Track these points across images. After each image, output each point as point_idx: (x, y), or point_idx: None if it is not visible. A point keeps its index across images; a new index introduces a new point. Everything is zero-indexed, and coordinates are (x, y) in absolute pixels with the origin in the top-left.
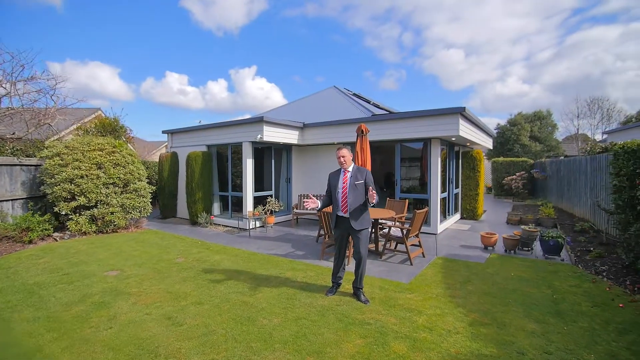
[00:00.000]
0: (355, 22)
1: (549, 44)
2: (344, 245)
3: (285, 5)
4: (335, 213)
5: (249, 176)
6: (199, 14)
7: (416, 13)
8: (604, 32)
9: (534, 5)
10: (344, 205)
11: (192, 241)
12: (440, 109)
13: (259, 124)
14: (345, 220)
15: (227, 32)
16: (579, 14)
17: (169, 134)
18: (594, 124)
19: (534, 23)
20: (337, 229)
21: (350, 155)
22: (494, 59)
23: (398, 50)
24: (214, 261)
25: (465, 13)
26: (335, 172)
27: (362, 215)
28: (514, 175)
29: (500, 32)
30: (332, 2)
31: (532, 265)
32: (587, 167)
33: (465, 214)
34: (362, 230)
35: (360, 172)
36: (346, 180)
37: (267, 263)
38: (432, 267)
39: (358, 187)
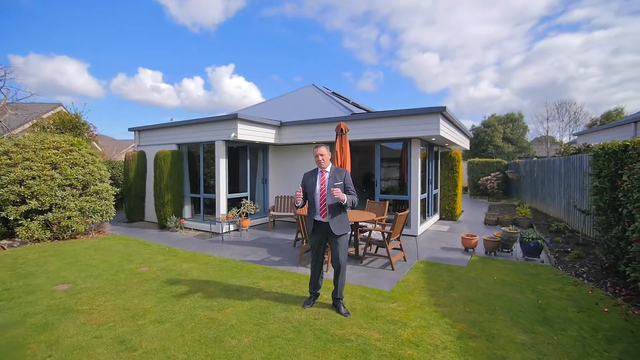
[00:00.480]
0: (334, 23)
1: (518, 50)
2: (321, 252)
3: (263, 3)
4: (312, 217)
5: (222, 177)
6: (173, 8)
7: (393, 16)
8: (568, 40)
9: (505, 13)
10: (323, 208)
11: (158, 247)
12: (420, 109)
13: (232, 121)
14: (323, 225)
15: (204, 29)
16: (546, 22)
17: (136, 132)
18: (562, 127)
19: (505, 30)
20: (315, 234)
21: (328, 154)
22: (467, 64)
23: (376, 52)
24: (181, 270)
25: (439, 17)
26: (311, 172)
27: (341, 219)
28: (489, 176)
29: (473, 37)
30: (310, 2)
31: (513, 268)
32: (561, 168)
33: (444, 214)
34: (342, 236)
35: (339, 172)
36: (324, 182)
37: (240, 271)
38: (414, 271)
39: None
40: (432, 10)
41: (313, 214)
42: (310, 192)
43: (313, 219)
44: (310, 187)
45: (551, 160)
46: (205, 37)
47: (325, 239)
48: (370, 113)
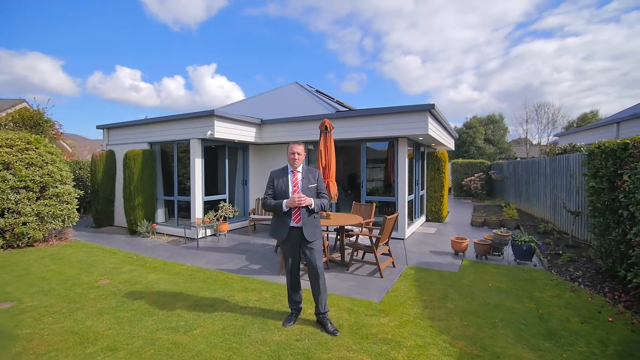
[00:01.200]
0: (318, 24)
1: (496, 54)
2: (296, 260)
3: (246, 3)
4: (284, 223)
5: (198, 178)
6: (153, 5)
7: (376, 19)
8: (542, 46)
9: (484, 18)
10: (296, 212)
11: (125, 256)
12: (408, 106)
13: (209, 118)
14: (297, 230)
15: (185, 27)
16: (522, 28)
17: (104, 130)
18: (540, 128)
19: (484, 35)
20: (288, 242)
21: (304, 153)
22: (448, 67)
23: (359, 54)
24: (148, 282)
25: (421, 21)
26: (280, 171)
27: (315, 223)
28: (473, 177)
29: (453, 41)
30: (293, 3)
31: (506, 273)
32: (546, 168)
33: (430, 216)
34: (316, 241)
35: (312, 173)
36: (297, 183)
37: (215, 282)
38: (404, 279)
39: (311, 192)
40: (414, 14)
41: (286, 219)
42: (281, 195)
43: (287, 225)
44: (281, 189)
45: (536, 161)
46: (187, 35)
47: (298, 245)
48: (355, 111)
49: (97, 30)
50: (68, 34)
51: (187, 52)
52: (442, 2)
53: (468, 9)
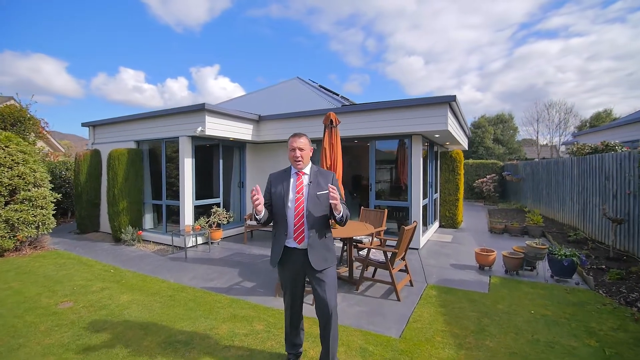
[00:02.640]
0: (320, 25)
1: (499, 55)
2: (298, 294)
3: (249, 4)
4: (280, 242)
5: (188, 180)
6: (156, 7)
7: (379, 20)
8: (546, 46)
9: (486, 19)
10: (299, 229)
11: (102, 269)
12: (426, 98)
13: (199, 113)
14: (299, 254)
15: (188, 29)
16: (526, 28)
17: (90, 128)
18: (552, 128)
19: (487, 35)
20: (285, 268)
21: (310, 148)
22: (451, 68)
23: (362, 55)
24: (117, 306)
25: (424, 22)
26: (280, 173)
27: (326, 245)
28: (485, 178)
29: (456, 42)
30: (296, 4)
31: (547, 295)
32: (573, 169)
33: (443, 221)
34: (327, 270)
35: (324, 176)
36: (302, 189)
37: (198, 307)
38: (426, 302)
39: (322, 201)
40: (417, 15)
41: (282, 238)
42: (278, 204)
43: (282, 244)
44: (279, 196)
45: (560, 161)
46: (190, 37)
47: (303, 274)
48: (364, 104)
49: (100, 32)
50: (72, 36)
51: (190, 54)
52: (445, 3)
53: (471, 10)
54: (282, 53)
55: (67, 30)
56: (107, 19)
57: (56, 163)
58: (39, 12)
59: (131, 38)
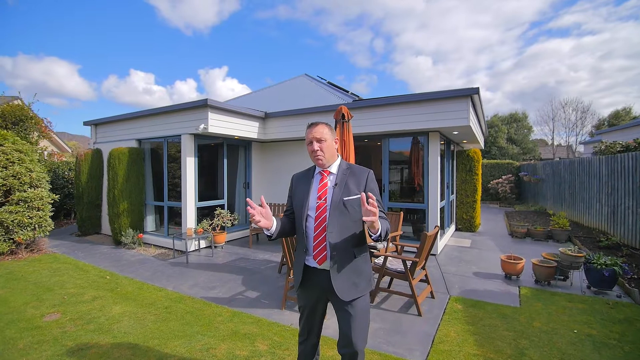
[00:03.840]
0: (328, 26)
1: (509, 54)
2: (316, 323)
3: (257, 6)
4: (299, 260)
5: (190, 181)
6: (165, 10)
7: (387, 20)
8: (558, 45)
9: (496, 18)
10: (320, 245)
11: (97, 275)
12: (445, 91)
13: (201, 109)
14: (320, 276)
15: (197, 31)
16: (537, 27)
17: (92, 126)
18: (568, 127)
19: (497, 34)
20: (305, 291)
21: (334, 138)
22: (460, 67)
23: (369, 56)
24: (107, 320)
25: (433, 21)
26: (303, 173)
27: (357, 268)
28: (500, 179)
29: (465, 41)
30: (303, 5)
31: (588, 310)
32: (601, 169)
33: (460, 224)
34: (357, 301)
35: (355, 175)
36: (325, 192)
37: (196, 320)
38: (451, 318)
39: (350, 210)
40: (425, 14)
41: (301, 254)
42: (297, 213)
43: (302, 262)
44: (299, 202)
45: (586, 160)
46: (199, 39)
47: (324, 300)
48: (377, 99)
49: (111, 35)
50: (84, 39)
51: (199, 56)
52: (454, 2)
53: (480, 9)
54: (290, 54)
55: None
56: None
57: (59, 163)
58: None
59: (141, 41)
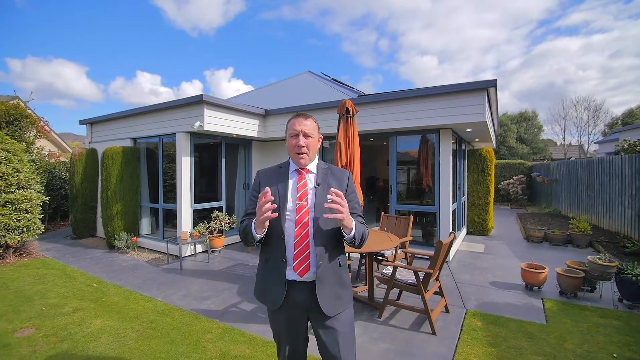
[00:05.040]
0: (333, 26)
1: (517, 53)
2: (300, 348)
3: (261, 7)
4: (277, 273)
5: (186, 182)
6: (172, 12)
7: (392, 19)
8: (567, 44)
9: (503, 16)
10: (302, 254)
11: (84, 282)
12: (458, 85)
13: (197, 106)
14: (301, 291)
15: (202, 33)
16: (545, 25)
17: (88, 125)
18: (580, 126)
19: (504, 33)
20: (281, 311)
21: (319, 137)
22: (466, 67)
23: (374, 56)
24: (84, 336)
25: (438, 21)
26: (273, 170)
27: (340, 279)
28: (511, 179)
29: (471, 40)
30: (308, 5)
31: (625, 327)
32: (624, 168)
33: (472, 228)
34: (342, 315)
35: (336, 176)
36: (306, 193)
37: (182, 338)
38: (470, 338)
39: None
40: (431, 14)
41: (278, 265)
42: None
43: (281, 275)
44: (274, 200)
45: (606, 159)
46: (204, 40)
47: (304, 318)
48: (384, 94)
49: (118, 37)
50: (91, 41)
51: (205, 57)
52: (460, 1)
53: (487, 7)
54: (295, 55)
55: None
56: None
57: (56, 163)
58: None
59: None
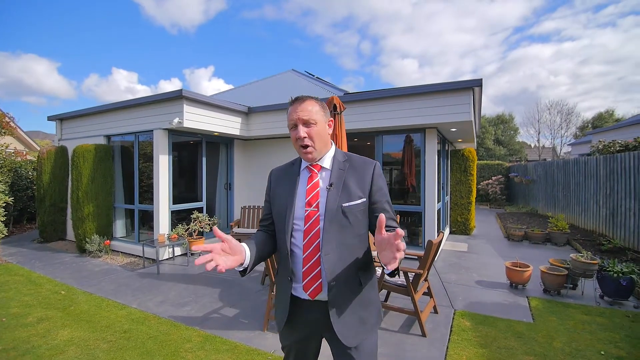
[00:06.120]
0: (315, 28)
1: (493, 58)
2: None
3: (243, 6)
4: (284, 288)
5: (164, 181)
6: (150, 8)
7: (374, 22)
8: (539, 50)
9: (481, 22)
10: (313, 269)
11: (51, 290)
12: (445, 84)
13: (176, 101)
14: (315, 309)
15: (182, 30)
16: (519, 32)
17: (57, 121)
18: (554, 129)
19: (481, 39)
20: (292, 329)
21: (327, 122)
22: (446, 70)
23: (357, 58)
24: (49, 349)
25: (419, 25)
26: (285, 169)
27: (363, 300)
28: (490, 180)
29: (451, 45)
30: (290, 6)
31: (609, 324)
32: (599, 169)
33: (454, 227)
34: (365, 343)
35: (356, 168)
36: (317, 196)
37: (159, 349)
38: (460, 339)
39: (350, 218)
40: (411, 18)
41: (286, 281)
42: (280, 223)
43: (288, 293)
44: (280, 209)
45: (581, 160)
46: (184, 38)
47: (319, 337)
48: (371, 92)
49: (93, 32)
50: (64, 36)
51: (185, 55)
52: (440, 6)
53: (465, 13)
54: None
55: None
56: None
57: (22, 162)
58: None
59: (124, 39)
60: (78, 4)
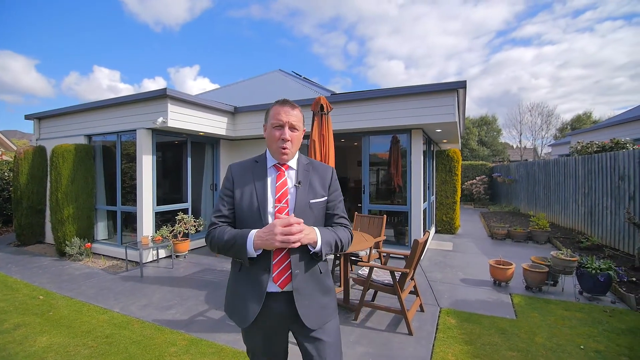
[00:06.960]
0: (303, 28)
1: (477, 61)
2: None
3: (230, 4)
4: (257, 284)
5: (147, 182)
6: (133, 5)
7: (361, 24)
8: (521, 53)
9: (465, 26)
10: (282, 261)
11: (28, 295)
12: (431, 85)
13: (160, 100)
14: (280, 302)
15: (167, 28)
16: (502, 36)
17: (35, 121)
18: (535, 130)
19: (465, 42)
20: (258, 326)
21: (303, 129)
22: (431, 72)
23: (344, 59)
24: (27, 356)
25: (405, 27)
26: (247, 166)
27: (323, 286)
28: (474, 180)
29: (436, 47)
30: (277, 5)
31: (588, 319)
32: (577, 169)
33: (440, 226)
34: (328, 325)
35: (319, 172)
36: (286, 193)
37: (142, 353)
38: (446, 337)
39: (316, 213)
40: (398, 20)
41: (258, 275)
42: (248, 218)
43: (261, 290)
44: (249, 205)
45: (561, 161)
46: (168, 36)
47: (284, 331)
48: (357, 93)
49: (73, 29)
50: (42, 33)
51: (169, 54)
52: (425, 9)
53: (450, 16)
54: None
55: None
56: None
57: None
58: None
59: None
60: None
